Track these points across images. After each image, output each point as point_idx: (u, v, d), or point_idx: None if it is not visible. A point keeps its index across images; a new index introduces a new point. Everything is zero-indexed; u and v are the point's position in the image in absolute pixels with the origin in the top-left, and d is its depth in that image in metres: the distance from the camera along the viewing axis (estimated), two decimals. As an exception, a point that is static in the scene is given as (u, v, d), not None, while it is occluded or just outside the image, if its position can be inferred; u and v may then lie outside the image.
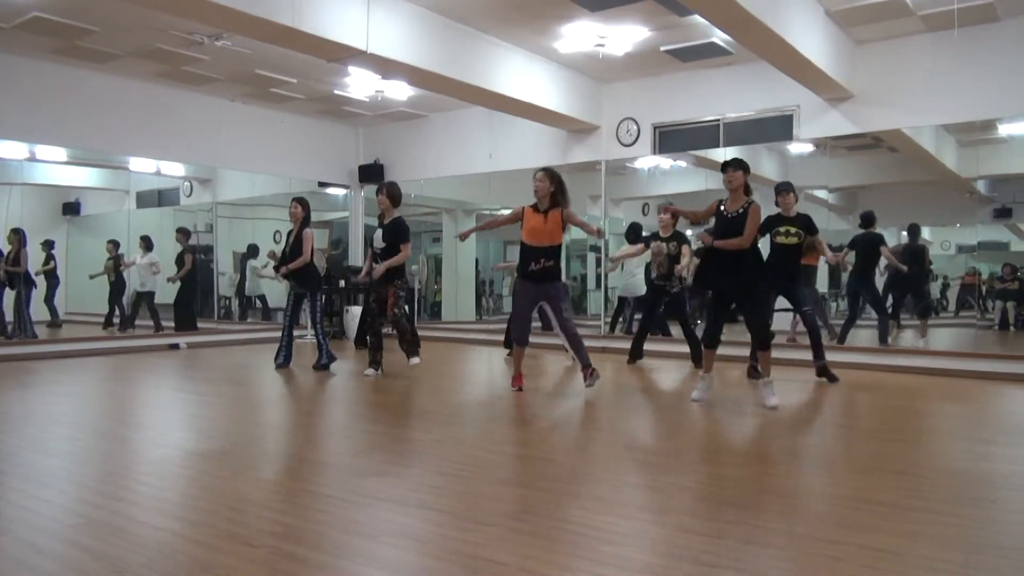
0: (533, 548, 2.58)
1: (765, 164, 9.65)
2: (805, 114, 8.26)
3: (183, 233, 10.53)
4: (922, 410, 5.79)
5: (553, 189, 5.76)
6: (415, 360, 7.01)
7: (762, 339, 5.51)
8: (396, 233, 6.69)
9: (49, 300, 10.35)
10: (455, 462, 3.92)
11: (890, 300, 8.76)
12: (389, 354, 7.16)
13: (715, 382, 5.69)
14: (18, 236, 9.20)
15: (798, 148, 9.04)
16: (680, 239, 7.69)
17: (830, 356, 6.79)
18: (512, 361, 6.30)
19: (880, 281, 8.55)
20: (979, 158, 8.23)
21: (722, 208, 5.45)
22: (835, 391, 6.43)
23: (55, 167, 10.53)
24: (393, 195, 6.79)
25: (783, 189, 6.57)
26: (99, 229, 11.52)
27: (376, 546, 2.67)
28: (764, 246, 6.98)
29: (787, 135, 8.52)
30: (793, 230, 6.45)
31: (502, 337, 9.18)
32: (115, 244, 10.68)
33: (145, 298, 10.38)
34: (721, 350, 5.67)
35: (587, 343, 6.32)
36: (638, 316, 9.65)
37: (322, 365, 7.37)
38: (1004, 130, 7.97)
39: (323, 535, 2.73)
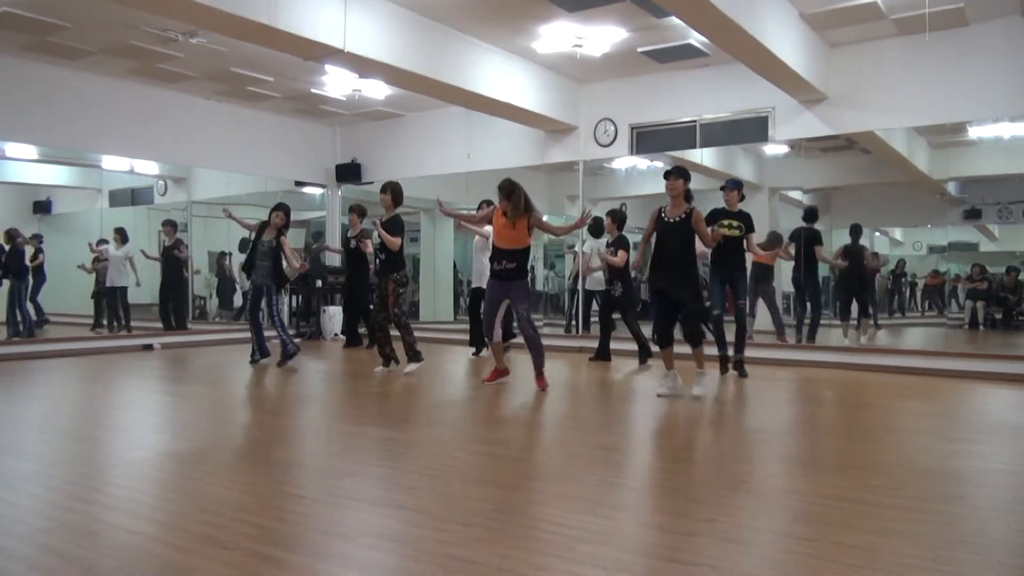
0: (510, 547, 2.58)
1: (741, 165, 9.74)
2: (780, 115, 8.34)
3: (171, 226, 10.39)
4: (892, 408, 5.86)
5: (522, 200, 5.93)
6: (412, 367, 6.97)
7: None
8: (391, 228, 6.85)
9: (34, 297, 10.17)
10: (431, 462, 3.91)
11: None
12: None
13: (679, 379, 5.81)
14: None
15: (773, 149, 9.14)
16: (620, 243, 7.87)
17: (801, 355, 6.83)
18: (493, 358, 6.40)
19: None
20: (949, 160, 8.38)
21: (663, 215, 5.74)
22: (811, 390, 6.50)
23: (26, 165, 10.37)
24: (396, 194, 6.95)
25: (728, 187, 6.89)
26: (71, 228, 11.37)
27: (352, 547, 2.66)
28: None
29: (762, 136, 8.60)
30: (735, 223, 6.79)
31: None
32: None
33: (118, 294, 10.17)
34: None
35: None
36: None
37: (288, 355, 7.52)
38: (974, 132, 8.12)
39: (299, 536, 2.72)
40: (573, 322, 10.07)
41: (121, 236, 10.12)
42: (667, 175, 5.78)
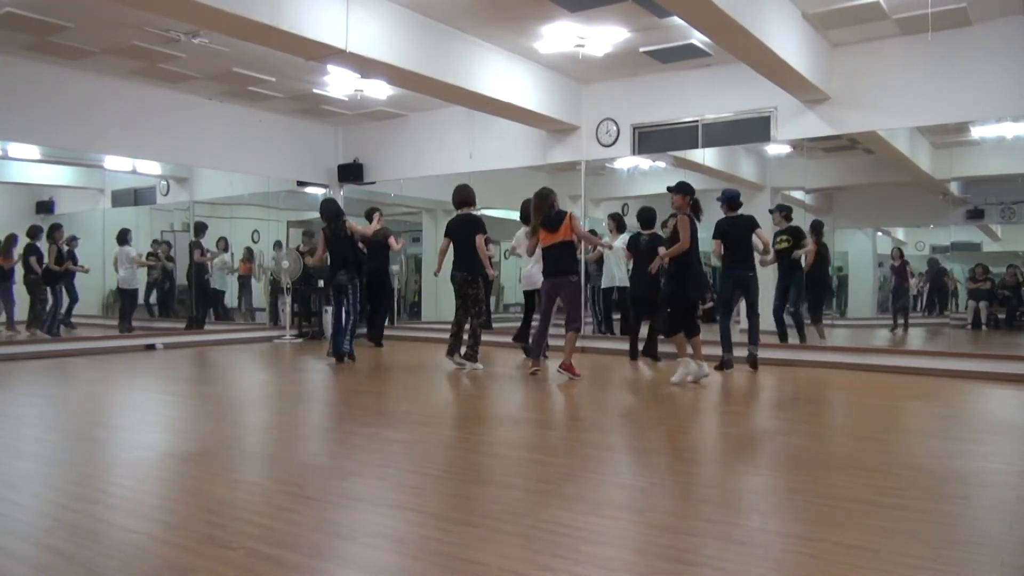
0: (513, 548, 2.58)
1: (743, 165, 9.74)
2: (782, 116, 8.33)
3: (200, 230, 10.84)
4: (895, 408, 5.86)
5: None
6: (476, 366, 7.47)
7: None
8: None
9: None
10: (434, 462, 3.91)
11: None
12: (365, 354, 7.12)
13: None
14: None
15: (776, 149, 9.12)
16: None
17: (803, 355, 6.83)
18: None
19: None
20: (952, 160, 8.36)
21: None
22: (813, 390, 6.49)
23: (28, 165, 10.38)
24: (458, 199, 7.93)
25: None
26: (74, 228, 11.35)
27: (355, 547, 2.66)
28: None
29: (765, 136, 8.59)
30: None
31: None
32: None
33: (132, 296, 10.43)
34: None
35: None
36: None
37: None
38: (977, 132, 8.10)
39: (301, 536, 2.72)
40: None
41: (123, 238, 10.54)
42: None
